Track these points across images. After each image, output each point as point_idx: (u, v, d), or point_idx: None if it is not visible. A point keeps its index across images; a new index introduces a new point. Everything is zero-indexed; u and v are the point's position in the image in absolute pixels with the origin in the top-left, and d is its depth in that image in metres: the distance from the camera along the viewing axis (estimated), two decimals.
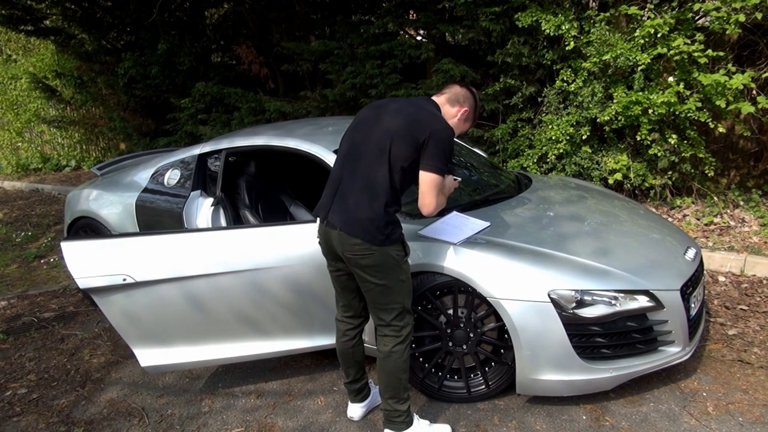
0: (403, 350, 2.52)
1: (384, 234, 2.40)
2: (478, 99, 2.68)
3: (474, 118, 2.70)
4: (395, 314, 2.51)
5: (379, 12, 7.43)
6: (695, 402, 2.85)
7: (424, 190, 2.43)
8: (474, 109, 2.66)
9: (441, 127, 2.42)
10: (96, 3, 9.14)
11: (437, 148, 2.39)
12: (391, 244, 2.44)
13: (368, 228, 2.39)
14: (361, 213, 2.40)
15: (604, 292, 2.66)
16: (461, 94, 2.62)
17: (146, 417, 2.97)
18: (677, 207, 5.53)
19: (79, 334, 3.97)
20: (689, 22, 5.01)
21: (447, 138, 2.42)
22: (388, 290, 2.47)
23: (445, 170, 2.44)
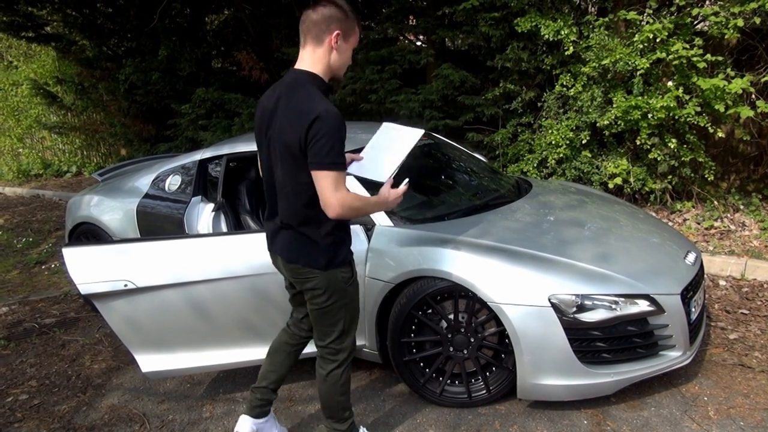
0: (339, 374, 2.40)
1: (326, 257, 2.24)
2: (341, 2, 2.16)
3: (354, 25, 2.20)
4: (334, 337, 2.37)
5: (379, 18, 7.46)
6: (696, 406, 2.85)
7: (319, 189, 2.09)
8: (346, 17, 2.15)
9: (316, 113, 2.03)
10: (97, 10, 9.17)
11: (325, 138, 2.03)
12: (335, 267, 2.26)
13: (307, 251, 2.24)
14: (294, 234, 2.25)
15: (604, 297, 2.67)
16: (321, 21, 2.13)
17: (147, 423, 2.97)
18: (677, 211, 5.54)
19: (80, 339, 3.97)
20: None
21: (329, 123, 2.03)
22: (329, 313, 2.33)
23: (341, 161, 2.07)
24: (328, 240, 2.23)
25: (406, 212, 3.21)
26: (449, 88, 6.18)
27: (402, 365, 2.95)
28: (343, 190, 2.08)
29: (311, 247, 2.23)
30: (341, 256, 2.28)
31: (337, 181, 2.07)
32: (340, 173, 2.07)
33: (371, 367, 3.33)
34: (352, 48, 2.23)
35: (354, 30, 2.20)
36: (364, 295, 2.97)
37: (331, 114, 2.03)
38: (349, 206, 2.09)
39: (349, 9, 2.17)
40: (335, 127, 2.03)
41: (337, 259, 2.26)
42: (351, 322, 2.40)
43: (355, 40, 2.23)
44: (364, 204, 2.19)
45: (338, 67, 2.22)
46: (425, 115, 6.25)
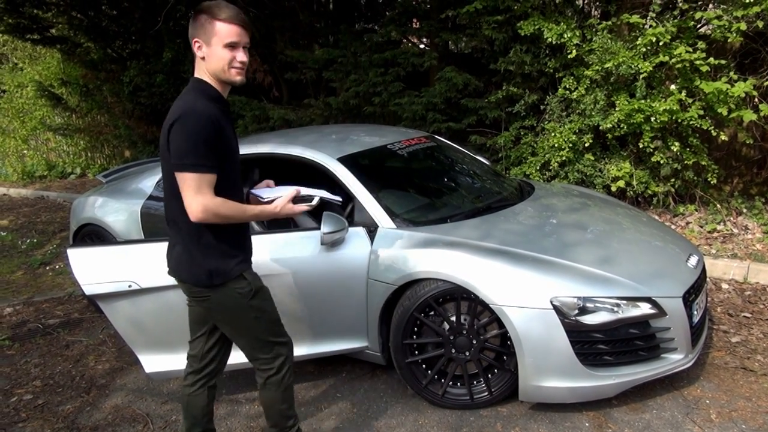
0: (278, 381, 2.32)
1: (208, 272, 2.11)
2: (204, 5, 2.07)
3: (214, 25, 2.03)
4: (257, 352, 2.29)
5: (383, 21, 7.48)
6: (698, 409, 2.86)
7: (182, 193, 2.03)
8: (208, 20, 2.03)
9: (179, 114, 1.98)
10: (102, 12, 9.22)
11: (180, 141, 1.97)
12: (225, 284, 2.13)
13: (188, 267, 2.14)
14: (180, 250, 2.16)
15: (606, 299, 2.67)
16: (189, 35, 2.09)
17: (151, 423, 2.99)
18: (680, 214, 5.54)
19: (84, 340, 3.99)
20: (691, 30, 5.04)
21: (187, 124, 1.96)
22: (241, 332, 2.24)
23: (200, 163, 1.97)
24: (212, 252, 2.11)
25: (409, 214, 3.22)
26: (452, 90, 6.20)
27: (404, 367, 2.96)
28: (206, 193, 1.99)
29: (192, 262, 2.12)
30: (228, 271, 2.13)
31: (199, 183, 1.98)
32: (203, 175, 1.98)
33: (374, 369, 3.34)
34: (221, 47, 2.05)
35: (214, 30, 2.03)
36: (367, 296, 2.99)
37: (193, 114, 1.97)
38: (213, 212, 2.01)
39: (209, 9, 2.04)
40: (197, 127, 1.96)
41: (223, 274, 2.12)
42: (270, 330, 2.28)
43: (221, 38, 2.04)
44: (235, 212, 2.08)
45: (218, 72, 2.08)
46: (428, 118, 6.27)
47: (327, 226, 2.90)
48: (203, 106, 2.01)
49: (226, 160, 2.08)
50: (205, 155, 1.98)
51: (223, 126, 2.06)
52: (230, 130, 2.15)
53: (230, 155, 2.12)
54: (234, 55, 2.07)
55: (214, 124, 2.00)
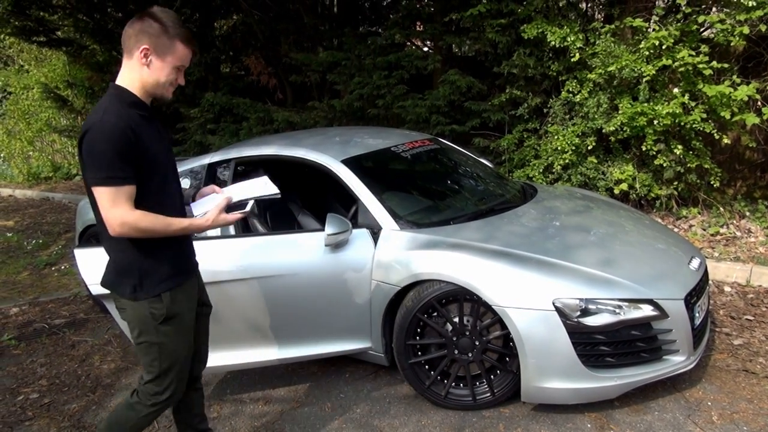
0: (141, 412, 2.21)
1: (131, 285, 2.06)
2: (162, 17, 2.00)
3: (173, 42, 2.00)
4: (151, 377, 2.16)
5: (387, 24, 7.52)
6: (700, 411, 2.87)
7: (99, 207, 1.96)
8: (165, 33, 1.99)
9: (90, 127, 1.91)
10: (107, 15, 9.28)
11: (90, 155, 1.91)
12: (143, 299, 2.07)
13: (113, 277, 2.11)
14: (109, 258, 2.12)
15: (608, 301, 2.69)
16: (132, 34, 1.99)
17: (156, 422, 3.01)
18: (683, 217, 5.55)
19: (89, 340, 4.02)
20: (694, 34, 5.06)
21: (95, 137, 1.89)
22: (141, 350, 2.14)
23: (113, 176, 1.90)
24: (134, 266, 2.05)
25: (412, 216, 3.24)
26: (456, 93, 6.22)
27: (407, 367, 2.98)
28: (123, 206, 1.92)
29: (117, 273, 2.08)
30: (148, 287, 2.06)
31: (115, 196, 1.91)
32: (119, 188, 1.91)
33: (377, 370, 3.37)
34: (172, 66, 2.02)
35: (174, 49, 2.00)
36: (371, 297, 3.01)
37: (104, 125, 1.89)
38: (131, 226, 1.93)
39: (171, 25, 2.00)
40: (108, 139, 1.88)
41: (143, 290, 2.06)
42: (169, 367, 2.15)
43: (176, 59, 2.02)
44: (157, 225, 1.99)
45: (154, 85, 2.03)
46: (432, 121, 6.29)
47: (331, 228, 2.92)
48: (116, 115, 1.92)
49: (146, 169, 2.00)
50: (120, 167, 1.90)
51: (140, 133, 1.97)
52: (152, 137, 2.04)
53: (152, 163, 2.02)
54: (177, 77, 2.08)
55: (127, 133, 1.91)
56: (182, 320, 2.16)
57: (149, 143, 2.01)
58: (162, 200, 2.07)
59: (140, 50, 1.98)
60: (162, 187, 2.08)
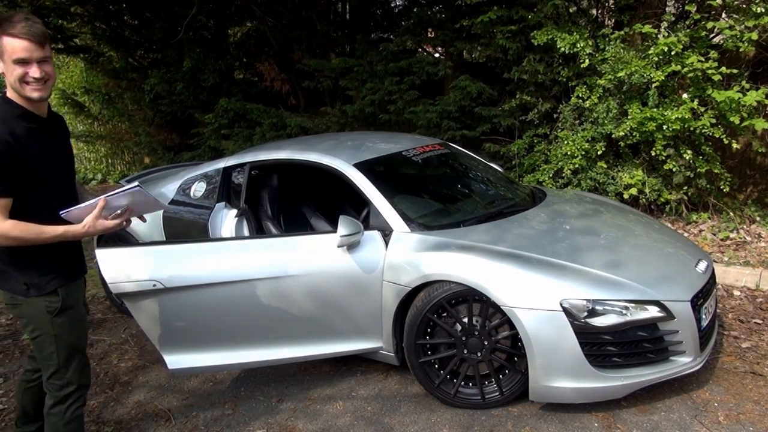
0: (62, 411, 2.27)
1: (24, 282, 2.13)
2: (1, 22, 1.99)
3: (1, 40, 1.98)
4: (51, 371, 2.25)
5: (398, 30, 7.61)
6: (707, 412, 2.90)
7: None
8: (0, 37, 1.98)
9: None
10: (124, 22, 9.46)
11: None
12: (37, 295, 2.15)
13: (7, 277, 2.16)
14: None
15: (615, 302, 2.74)
16: None
17: (173, 418, 3.09)
18: (693, 222, 5.57)
19: (107, 339, 4.12)
20: (703, 40, 5.09)
21: None
22: (39, 345, 2.23)
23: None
24: (24, 264, 2.13)
25: (423, 219, 3.31)
26: (467, 99, 6.30)
27: (417, 366, 3.04)
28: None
29: (9, 275, 2.15)
30: (43, 284, 2.15)
31: None
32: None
33: (388, 369, 3.43)
34: (12, 61, 1.99)
35: (2, 46, 1.98)
36: (382, 298, 3.08)
37: None
38: (3, 235, 1.98)
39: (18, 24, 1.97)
40: None
41: (39, 288, 2.15)
42: (68, 357, 2.25)
43: (9, 54, 1.98)
44: (29, 234, 2.03)
45: (15, 89, 2.04)
46: (443, 126, 6.37)
47: (343, 229, 2.99)
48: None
49: (27, 180, 2.05)
50: None
51: (22, 146, 2.00)
52: (37, 149, 2.08)
53: (34, 175, 2.06)
54: (26, 71, 2.01)
55: (5, 147, 1.96)
56: (76, 312, 2.28)
57: (32, 155, 2.05)
58: (43, 209, 2.10)
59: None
60: (44, 197, 2.12)
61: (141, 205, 2.35)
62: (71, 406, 2.30)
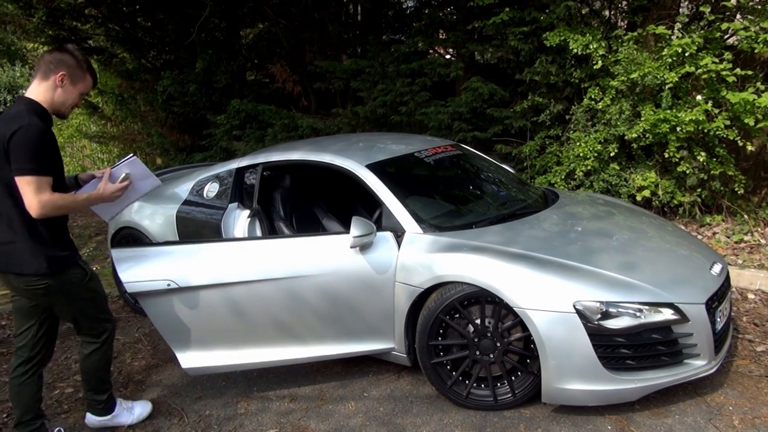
0: (102, 353, 2.80)
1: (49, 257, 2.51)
2: (77, 54, 2.59)
3: (84, 74, 2.60)
4: (90, 326, 2.74)
5: (410, 31, 7.62)
6: (721, 415, 2.88)
7: (22, 194, 2.41)
8: (79, 66, 2.57)
9: (16, 130, 2.37)
10: (137, 24, 9.54)
11: (20, 150, 2.37)
12: (64, 269, 2.57)
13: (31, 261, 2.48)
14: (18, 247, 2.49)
15: (629, 305, 2.73)
16: (51, 62, 2.53)
17: (186, 417, 3.11)
18: (707, 224, 5.53)
19: (120, 338, 4.15)
20: (717, 41, 5.06)
21: (25, 137, 2.37)
22: (77, 311, 2.68)
23: (39, 167, 2.40)
24: (50, 244, 2.52)
25: (435, 220, 3.31)
26: (478, 100, 6.29)
27: (429, 368, 3.04)
28: (45, 192, 2.41)
29: (33, 254, 2.49)
30: (67, 258, 2.59)
31: (38, 184, 2.40)
32: (40, 177, 2.40)
33: (400, 370, 3.43)
34: (79, 93, 2.61)
35: (84, 78, 2.61)
36: (394, 299, 3.08)
37: (31, 128, 2.38)
38: (52, 204, 2.43)
39: (82, 60, 2.60)
40: (34, 138, 2.38)
41: (63, 262, 2.56)
42: (101, 308, 2.77)
43: (84, 86, 2.62)
44: (69, 202, 2.55)
45: (61, 103, 2.57)
46: (454, 127, 6.36)
47: (356, 230, 3.00)
48: (39, 122, 2.44)
49: (56, 163, 2.51)
50: (44, 162, 2.42)
51: (53, 139, 2.51)
52: (56, 142, 2.56)
53: (58, 163, 2.56)
54: (78, 102, 2.68)
55: (48, 136, 2.45)
56: (96, 275, 2.78)
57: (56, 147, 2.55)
58: (62, 185, 2.59)
59: (58, 75, 2.53)
60: (61, 177, 2.61)
61: (138, 174, 2.86)
62: (108, 348, 2.84)
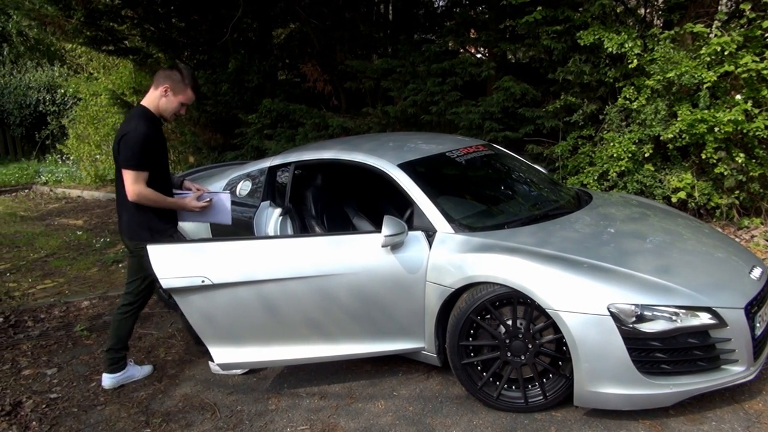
0: (136, 312, 3.43)
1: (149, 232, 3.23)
2: (184, 71, 3.23)
3: (185, 88, 3.23)
4: (137, 290, 3.39)
5: (441, 31, 7.59)
6: (760, 423, 2.81)
7: (124, 182, 3.11)
8: (182, 81, 3.21)
9: (125, 131, 3.09)
10: (172, 25, 9.69)
11: (125, 148, 3.07)
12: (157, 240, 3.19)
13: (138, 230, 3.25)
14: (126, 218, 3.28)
15: (664, 308, 2.68)
16: (161, 76, 3.21)
17: (218, 411, 3.16)
18: (745, 227, 5.39)
19: (154, 333, 4.23)
20: (758, 39, 4.94)
21: (130, 137, 3.06)
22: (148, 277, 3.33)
23: (137, 163, 3.07)
24: (150, 220, 3.24)
25: (467, 220, 3.30)
26: (510, 100, 6.23)
27: (460, 368, 3.03)
28: (140, 183, 3.10)
29: (139, 226, 3.24)
30: (163, 231, 3.29)
31: (135, 177, 3.09)
32: (138, 172, 3.09)
33: (429, 370, 3.43)
34: (179, 102, 3.25)
35: (185, 92, 3.25)
36: (425, 298, 3.08)
37: (136, 132, 3.08)
38: (144, 196, 3.12)
39: (187, 76, 3.23)
40: (136, 140, 3.06)
41: (161, 233, 3.26)
42: None
43: (185, 98, 3.26)
44: (157, 198, 3.18)
45: (164, 109, 3.25)
46: (485, 127, 6.32)
47: (387, 229, 3.01)
48: (144, 127, 3.12)
49: (154, 164, 3.17)
50: (142, 159, 3.09)
51: (156, 140, 3.20)
52: (161, 143, 3.27)
53: (158, 161, 3.20)
54: (181, 111, 3.34)
55: (149, 139, 3.12)
56: None
57: (159, 148, 3.24)
58: (160, 184, 3.23)
59: (162, 88, 3.20)
60: (160, 176, 3.24)
61: (220, 206, 3.50)
62: (138, 308, 3.49)
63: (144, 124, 3.11)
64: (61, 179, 11.96)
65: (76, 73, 13.70)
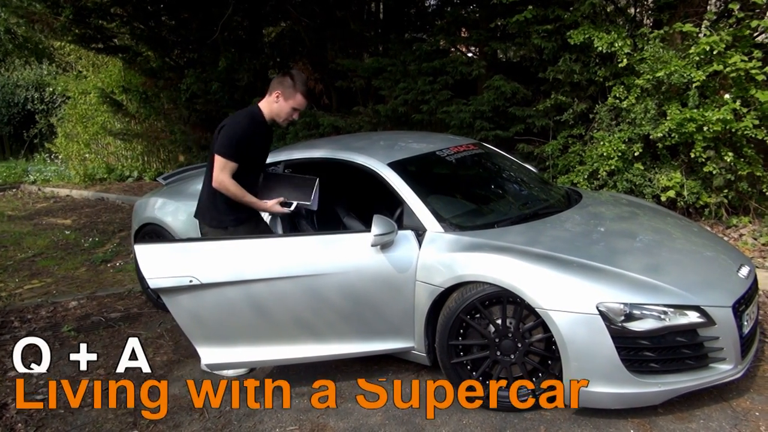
0: None
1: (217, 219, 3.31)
2: (296, 77, 3.24)
3: (295, 93, 3.23)
4: None
5: (432, 30, 7.59)
6: (747, 421, 2.82)
7: (213, 167, 3.17)
8: (293, 87, 3.22)
9: (229, 122, 3.22)
10: (162, 23, 9.65)
11: (222, 136, 3.16)
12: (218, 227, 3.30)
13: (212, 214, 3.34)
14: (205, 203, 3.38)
15: (653, 307, 2.68)
16: (275, 82, 3.27)
17: (206, 412, 3.14)
18: (733, 226, 5.43)
19: (143, 333, 4.20)
20: (747, 39, 4.96)
21: (230, 128, 3.17)
22: None
23: (228, 153, 3.11)
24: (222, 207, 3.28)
25: (457, 219, 3.30)
26: (500, 99, 6.24)
27: (449, 367, 3.02)
28: (225, 173, 3.13)
29: (210, 213, 3.34)
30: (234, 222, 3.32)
31: (223, 165, 3.13)
32: (227, 161, 3.12)
33: (419, 369, 3.42)
34: (291, 107, 3.26)
35: (294, 97, 3.24)
36: (415, 298, 3.07)
37: (237, 125, 3.19)
38: (225, 186, 3.15)
39: (299, 82, 3.24)
40: (234, 132, 3.16)
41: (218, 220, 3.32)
42: None
43: (295, 103, 3.25)
44: (237, 192, 3.18)
45: (276, 114, 3.28)
46: (476, 126, 6.33)
47: (377, 229, 3.00)
48: (246, 123, 3.21)
49: (246, 159, 3.19)
50: (231, 150, 3.13)
51: (254, 139, 3.24)
52: (260, 143, 3.33)
53: (251, 158, 3.25)
54: (294, 116, 3.34)
55: (246, 136, 3.18)
56: None
57: (256, 146, 3.30)
58: (247, 180, 3.24)
59: (275, 93, 3.23)
60: (249, 173, 3.28)
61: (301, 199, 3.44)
62: None
63: (247, 121, 3.21)
64: (49, 178, 11.87)
65: (65, 72, 13.62)
